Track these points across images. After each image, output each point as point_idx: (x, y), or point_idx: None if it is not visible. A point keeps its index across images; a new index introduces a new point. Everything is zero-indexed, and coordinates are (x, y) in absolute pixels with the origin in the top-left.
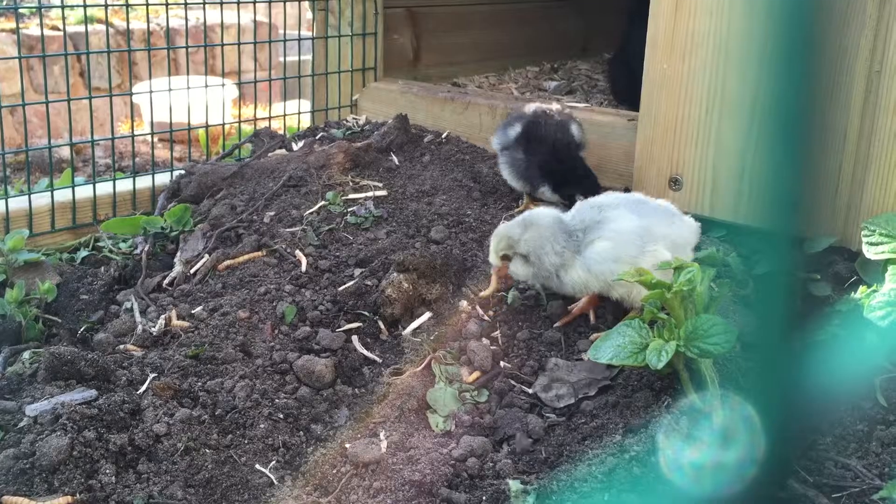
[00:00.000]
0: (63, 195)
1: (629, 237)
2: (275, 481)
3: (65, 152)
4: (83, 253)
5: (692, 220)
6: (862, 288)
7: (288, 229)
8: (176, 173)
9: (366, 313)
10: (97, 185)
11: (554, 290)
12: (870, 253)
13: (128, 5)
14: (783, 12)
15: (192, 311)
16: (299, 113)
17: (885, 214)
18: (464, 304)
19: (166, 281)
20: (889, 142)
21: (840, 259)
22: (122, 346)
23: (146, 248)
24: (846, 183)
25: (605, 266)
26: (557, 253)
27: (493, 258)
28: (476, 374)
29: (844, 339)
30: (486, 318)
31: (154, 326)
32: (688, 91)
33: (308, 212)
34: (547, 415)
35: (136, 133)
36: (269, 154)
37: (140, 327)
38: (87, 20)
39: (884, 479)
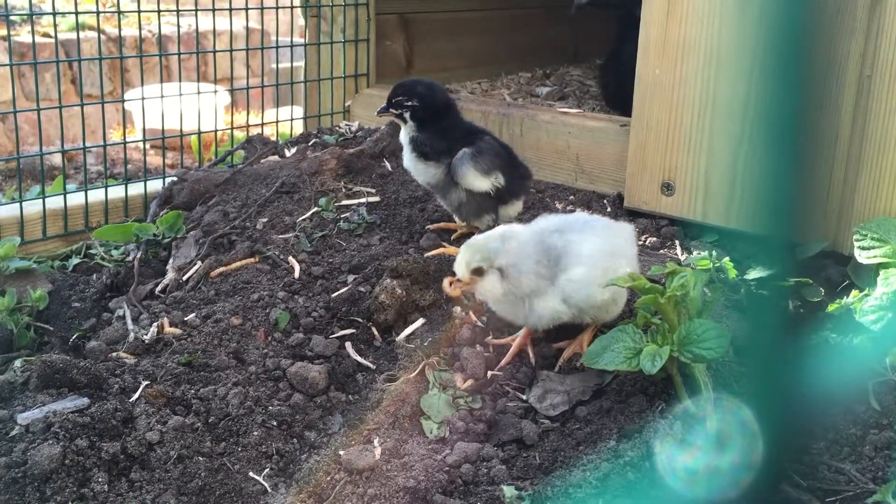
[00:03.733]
0: (54, 202)
1: (600, 259)
2: (268, 489)
3: (56, 159)
4: (75, 260)
5: (627, 225)
6: (854, 292)
7: (281, 236)
8: (168, 180)
9: (359, 319)
10: (89, 192)
11: (511, 319)
12: (862, 257)
13: (119, 12)
14: (775, 18)
15: (185, 319)
16: (292, 119)
17: (877, 219)
18: (457, 310)
19: (159, 288)
20: (880, 146)
21: (832, 263)
22: (114, 354)
23: (138, 255)
24: (838, 187)
25: (584, 292)
26: (539, 275)
27: (463, 271)
28: (470, 381)
29: (837, 343)
30: (479, 323)
31: (146, 334)
32: (680, 96)
33: (301, 218)
34: (541, 420)
35: (128, 140)
36: (262, 160)
37: (132, 335)
38: (78, 27)
39: (877, 482)
